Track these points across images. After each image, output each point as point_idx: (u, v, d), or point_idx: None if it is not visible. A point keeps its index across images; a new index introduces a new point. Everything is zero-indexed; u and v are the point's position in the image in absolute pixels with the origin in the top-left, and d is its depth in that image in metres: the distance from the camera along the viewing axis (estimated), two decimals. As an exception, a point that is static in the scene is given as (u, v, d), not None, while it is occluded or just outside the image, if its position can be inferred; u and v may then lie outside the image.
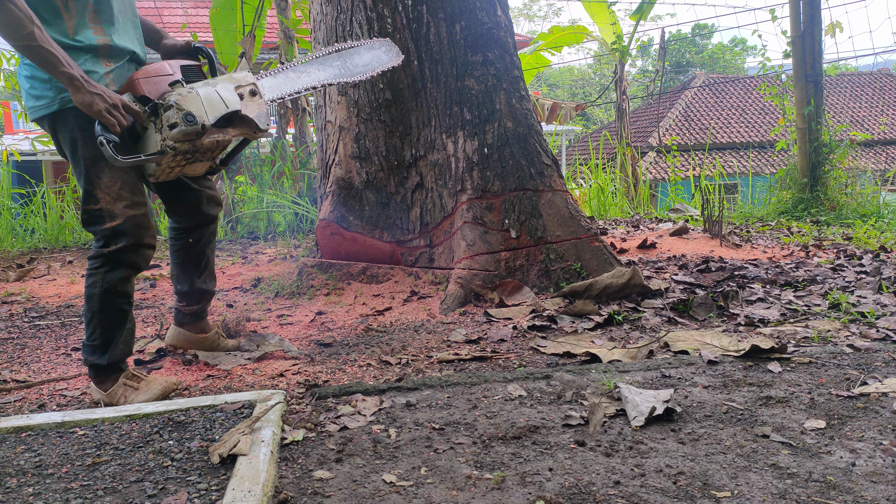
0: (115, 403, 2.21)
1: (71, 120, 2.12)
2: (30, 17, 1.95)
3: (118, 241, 2.19)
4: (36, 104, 2.13)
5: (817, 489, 1.53)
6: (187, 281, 2.59)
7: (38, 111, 2.15)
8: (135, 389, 2.23)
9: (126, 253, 2.21)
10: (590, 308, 3.07)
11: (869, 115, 22.87)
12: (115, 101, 2.06)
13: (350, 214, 3.74)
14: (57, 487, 1.61)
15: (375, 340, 2.86)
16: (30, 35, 1.95)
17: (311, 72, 2.66)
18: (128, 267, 2.23)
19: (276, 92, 2.47)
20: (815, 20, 6.46)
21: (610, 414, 1.95)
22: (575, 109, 11.50)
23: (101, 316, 2.22)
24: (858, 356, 2.42)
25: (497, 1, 3.72)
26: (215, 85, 2.24)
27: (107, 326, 2.23)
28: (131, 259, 2.23)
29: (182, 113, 2.10)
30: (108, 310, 2.22)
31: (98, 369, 2.24)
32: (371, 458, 1.74)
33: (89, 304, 2.22)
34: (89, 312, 2.23)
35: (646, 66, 38.40)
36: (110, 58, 2.20)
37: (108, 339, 2.23)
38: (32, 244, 5.93)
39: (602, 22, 10.55)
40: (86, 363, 2.26)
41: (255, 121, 2.29)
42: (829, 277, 3.63)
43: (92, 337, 2.23)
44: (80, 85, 2.01)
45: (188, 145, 2.15)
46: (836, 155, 6.51)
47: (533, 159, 3.56)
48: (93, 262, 2.22)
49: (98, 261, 2.21)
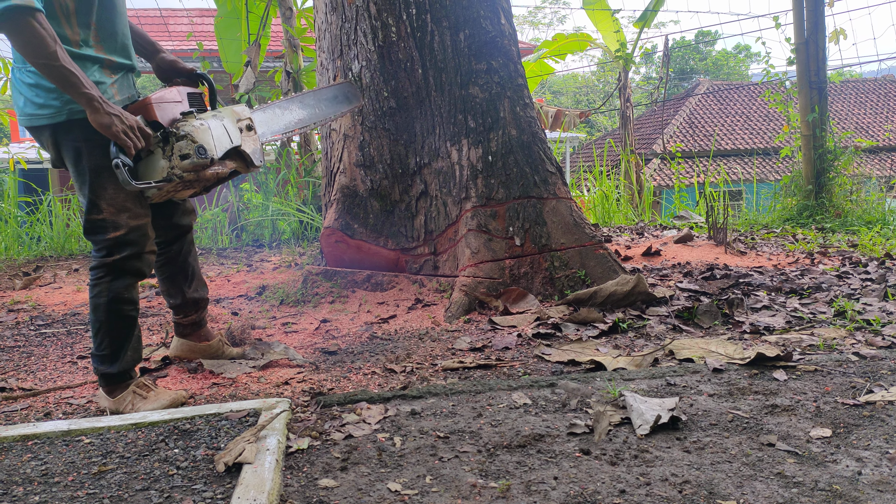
0: (122, 411, 2.22)
1: (76, 130, 2.13)
2: (52, 36, 1.98)
3: (122, 251, 2.20)
4: (38, 112, 2.12)
5: (823, 498, 1.52)
6: (179, 294, 2.60)
7: (40, 119, 2.13)
8: (143, 398, 2.25)
9: (130, 261, 2.22)
10: (594, 316, 3.06)
11: (874, 121, 22.83)
12: (131, 124, 2.09)
13: (355, 222, 3.75)
14: (63, 496, 1.61)
15: (380, 348, 2.86)
16: (53, 54, 1.97)
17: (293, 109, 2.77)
18: (132, 274, 2.24)
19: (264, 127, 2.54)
20: (818, 27, 6.47)
21: (615, 422, 1.95)
22: (579, 117, 11.51)
23: (108, 325, 2.23)
24: (864, 364, 2.41)
25: (501, 9, 3.73)
26: (223, 118, 2.29)
27: (115, 335, 2.24)
28: (135, 266, 2.24)
29: (195, 145, 2.16)
30: (116, 318, 2.23)
31: (109, 378, 2.25)
32: (376, 466, 1.74)
33: (96, 315, 2.23)
34: (97, 322, 2.23)
35: (650, 73, 38.44)
36: (112, 70, 2.23)
37: (118, 348, 2.25)
38: (38, 252, 5.95)
39: (606, 29, 10.58)
40: (96, 373, 2.27)
41: (250, 156, 2.36)
42: (834, 285, 3.62)
43: (101, 347, 2.24)
44: (99, 106, 2.03)
45: (193, 175, 2.19)
46: (840, 162, 6.50)
47: (537, 167, 3.57)
48: (96, 272, 2.23)
49: (101, 270, 2.22)
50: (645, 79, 36.72)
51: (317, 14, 3.99)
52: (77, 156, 2.16)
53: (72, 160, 2.18)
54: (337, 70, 3.82)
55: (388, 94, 3.66)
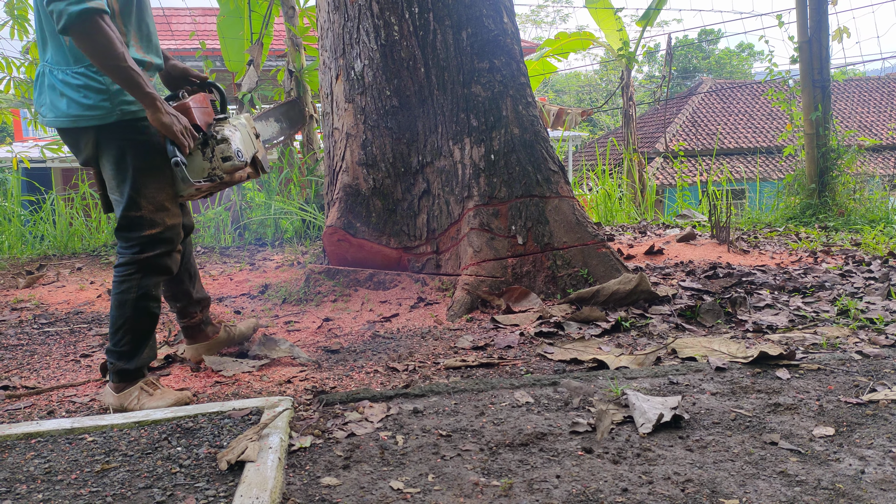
0: (126, 407, 2.24)
1: (123, 131, 2.18)
2: (119, 38, 2.04)
3: (155, 248, 2.25)
4: (86, 113, 2.14)
5: (826, 497, 1.52)
6: (184, 295, 2.62)
7: (88, 120, 2.16)
8: (150, 395, 2.26)
9: (162, 258, 2.27)
10: (597, 314, 3.06)
11: (877, 120, 22.78)
12: (185, 125, 2.19)
13: (357, 221, 3.75)
14: (66, 494, 1.62)
15: (382, 347, 2.86)
16: (122, 56, 2.04)
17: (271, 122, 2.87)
18: (161, 272, 2.29)
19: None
20: (822, 25, 6.46)
21: (617, 421, 1.95)
22: (581, 115, 11.50)
23: (133, 322, 2.25)
24: (867, 363, 2.41)
25: (503, 8, 3.73)
26: (244, 126, 2.41)
27: (137, 332, 2.26)
28: (165, 264, 2.29)
29: (234, 148, 2.30)
30: (141, 315, 2.26)
31: (124, 375, 2.26)
32: (378, 464, 1.74)
33: (121, 311, 2.24)
34: (121, 318, 2.24)
35: (652, 71, 38.39)
36: (150, 71, 2.30)
37: (138, 345, 2.27)
38: (42, 251, 5.97)
39: (608, 28, 10.56)
40: (112, 369, 2.27)
41: (262, 163, 2.49)
42: (837, 283, 3.61)
43: (121, 343, 2.25)
44: (160, 106, 2.12)
45: (229, 177, 2.33)
46: (844, 160, 6.49)
47: (539, 165, 3.57)
48: (125, 269, 2.25)
49: (132, 267, 2.24)
50: (648, 77, 36.68)
51: (319, 13, 3.99)
52: (121, 155, 2.20)
53: (114, 159, 2.21)
54: (339, 69, 3.82)
55: (391, 92, 3.66)
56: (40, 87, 2.21)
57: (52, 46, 2.16)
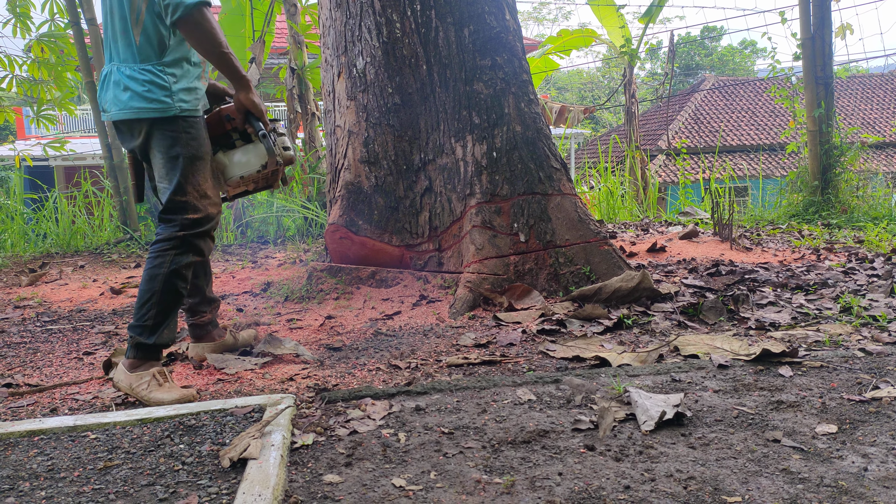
0: (135, 389, 2.27)
1: (179, 123, 2.35)
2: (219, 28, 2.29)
3: (196, 228, 2.39)
4: (147, 106, 2.30)
5: (829, 494, 1.52)
6: (198, 292, 2.68)
7: (148, 112, 2.31)
8: (159, 386, 2.29)
9: (199, 238, 2.41)
10: (599, 312, 3.06)
11: (880, 117, 22.72)
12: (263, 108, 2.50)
13: (359, 218, 3.75)
14: (69, 491, 1.62)
15: (385, 344, 2.86)
16: (224, 43, 2.32)
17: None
18: (196, 252, 2.41)
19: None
20: (825, 22, 6.44)
21: (620, 418, 1.95)
22: (583, 113, 11.49)
23: (161, 296, 2.33)
24: (870, 360, 2.40)
25: (506, 5, 3.72)
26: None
27: (163, 307, 2.34)
28: (201, 245, 2.42)
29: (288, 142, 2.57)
30: (170, 291, 2.34)
31: (141, 349, 2.32)
32: (381, 462, 1.74)
33: (150, 284, 2.32)
34: (149, 292, 2.32)
35: (655, 68, 38.32)
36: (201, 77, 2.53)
37: (160, 321, 2.34)
38: (44, 249, 5.98)
39: (611, 25, 10.55)
40: (131, 342, 2.33)
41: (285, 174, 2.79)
42: (840, 281, 3.61)
43: (145, 317, 2.32)
44: (252, 88, 2.42)
45: (283, 166, 2.58)
46: (847, 157, 6.47)
47: (542, 163, 3.56)
48: (163, 245, 2.35)
49: (170, 243, 2.35)
50: (650, 75, 36.62)
51: (321, 10, 3.98)
52: (172, 145, 2.35)
53: (165, 148, 2.35)
54: (341, 66, 3.82)
55: (393, 90, 3.66)
56: (106, 84, 2.38)
57: (122, 46, 2.34)
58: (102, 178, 6.93)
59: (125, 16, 2.33)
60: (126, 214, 6.15)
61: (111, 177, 6.13)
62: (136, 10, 2.31)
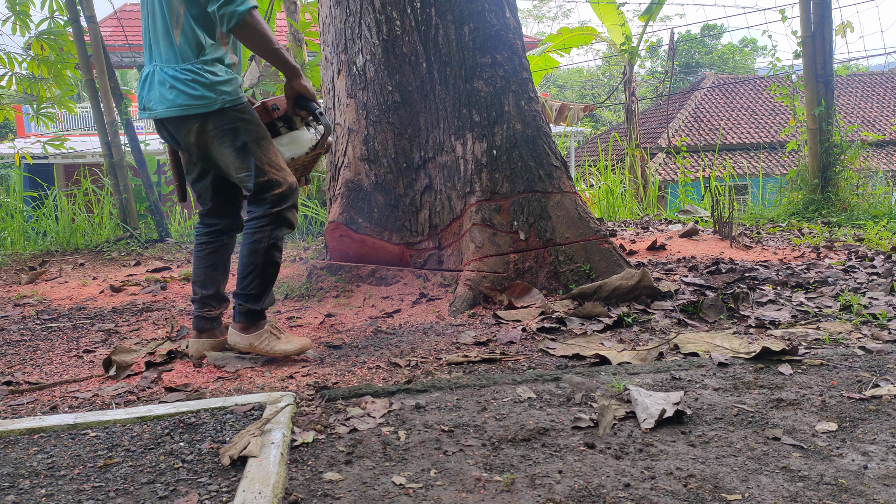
0: (256, 346, 2.57)
1: (229, 115, 2.49)
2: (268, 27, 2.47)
3: (284, 203, 2.55)
4: (194, 102, 2.45)
5: (829, 492, 1.52)
6: (213, 285, 2.75)
7: (196, 108, 2.46)
8: (277, 339, 2.59)
9: (289, 212, 2.58)
10: (599, 310, 3.06)
11: (880, 115, 22.71)
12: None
13: (359, 216, 3.75)
14: (69, 489, 1.62)
15: (384, 342, 2.86)
16: (274, 40, 2.49)
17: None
18: (287, 225, 2.60)
19: None
20: (825, 20, 6.43)
21: (619, 416, 1.95)
22: (583, 111, 11.48)
23: (262, 268, 2.57)
24: (870, 358, 2.40)
25: (506, 2, 3.72)
26: None
27: (265, 277, 2.58)
28: (290, 218, 2.60)
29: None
30: (270, 263, 2.58)
31: (251, 315, 2.58)
32: (381, 459, 1.74)
33: (252, 258, 2.55)
34: (251, 265, 2.56)
35: (655, 66, 38.30)
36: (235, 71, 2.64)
37: (264, 289, 2.59)
38: (44, 247, 5.98)
39: (611, 23, 10.54)
40: (241, 310, 2.57)
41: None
42: (840, 279, 3.61)
43: (249, 287, 2.57)
44: (303, 75, 2.59)
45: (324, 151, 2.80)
46: (847, 155, 6.47)
47: (542, 161, 3.56)
48: (258, 222, 2.54)
49: (265, 220, 2.54)
50: (650, 73, 36.59)
51: (321, 8, 3.98)
52: (234, 135, 2.51)
53: (229, 140, 2.50)
54: (341, 64, 3.81)
55: (393, 88, 3.65)
56: (149, 84, 2.51)
57: (164, 47, 2.48)
58: (102, 175, 6.93)
59: (166, 18, 2.47)
60: (126, 212, 6.15)
61: (111, 174, 6.13)
62: (175, 13, 2.46)
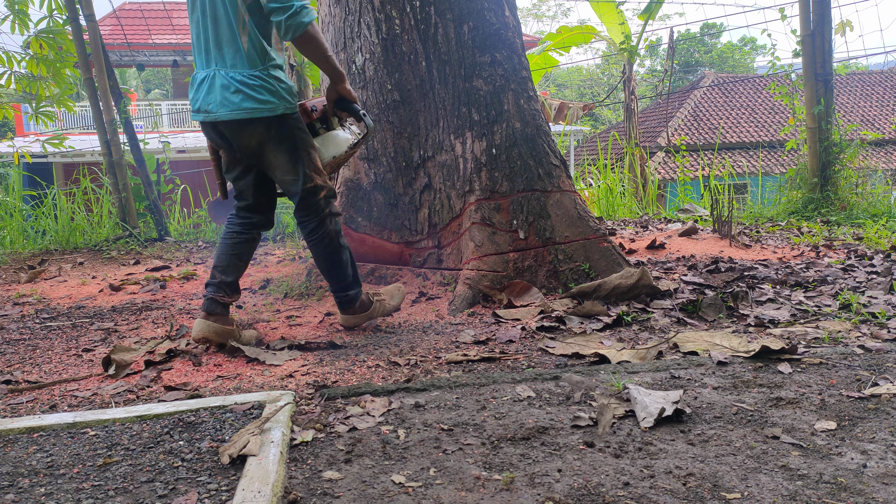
0: (374, 315, 3.00)
1: (288, 121, 2.68)
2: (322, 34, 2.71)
3: (329, 203, 2.81)
4: (259, 107, 2.59)
5: (828, 491, 1.52)
6: (234, 273, 2.85)
7: (261, 112, 2.60)
8: (382, 300, 3.02)
9: (333, 207, 2.84)
10: (598, 309, 3.06)
11: (880, 114, 22.72)
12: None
13: (358, 215, 3.75)
14: (69, 488, 1.62)
15: (384, 341, 2.86)
16: (329, 48, 2.71)
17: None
18: (337, 215, 2.86)
19: None
20: (824, 19, 6.43)
21: (619, 415, 1.95)
22: (583, 109, 11.48)
23: (343, 257, 2.86)
24: (869, 357, 2.41)
25: (505, 1, 3.72)
26: None
27: (348, 264, 2.89)
28: (337, 210, 2.86)
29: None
30: (343, 251, 2.87)
31: (355, 298, 2.92)
32: (380, 458, 1.75)
33: (334, 256, 2.83)
34: (336, 262, 2.85)
35: (654, 65, 38.29)
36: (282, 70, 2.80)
37: (353, 272, 2.91)
38: (43, 246, 5.97)
39: (610, 22, 10.53)
40: (345, 300, 2.91)
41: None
42: (839, 278, 3.61)
43: (345, 277, 2.88)
44: (346, 79, 2.80)
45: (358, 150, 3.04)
46: (846, 154, 6.47)
47: (541, 160, 3.56)
48: (318, 225, 2.79)
49: (322, 225, 2.80)
50: (649, 71, 36.58)
51: (320, 6, 3.97)
52: (293, 140, 2.70)
53: (287, 144, 2.69)
54: (341, 63, 3.81)
55: (392, 86, 3.65)
56: (209, 87, 2.62)
57: (229, 53, 2.59)
58: (101, 174, 6.92)
59: (232, 24, 2.58)
60: (125, 211, 6.14)
61: (110, 173, 6.12)
62: (241, 19, 2.58)
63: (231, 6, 2.56)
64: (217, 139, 2.74)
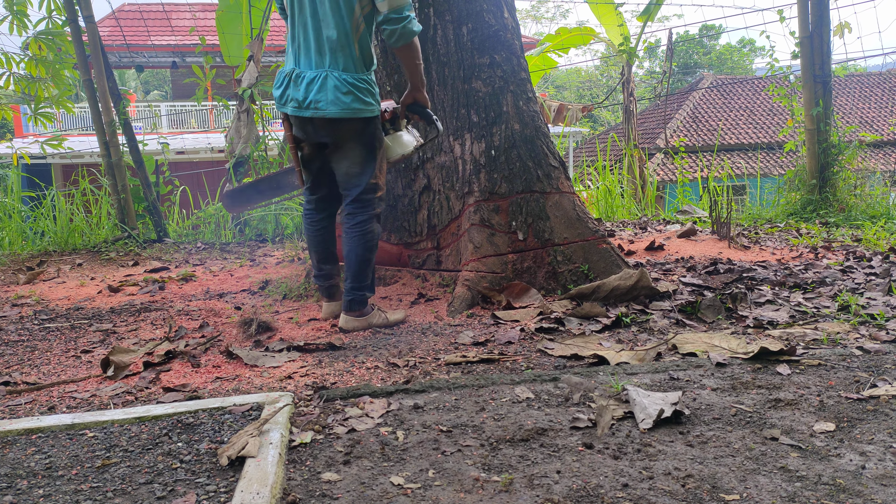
0: (374, 323, 3.02)
1: (376, 123, 2.94)
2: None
3: (381, 204, 3.04)
4: (362, 107, 2.84)
5: (827, 492, 1.52)
6: (333, 259, 3.20)
7: (363, 112, 2.85)
8: (383, 312, 3.08)
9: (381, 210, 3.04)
10: (597, 310, 3.06)
11: (878, 115, 22.74)
12: None
13: (357, 217, 3.74)
14: (67, 489, 1.62)
15: (383, 343, 2.86)
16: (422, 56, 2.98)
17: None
18: (380, 219, 3.06)
19: None
20: (823, 21, 6.44)
21: (618, 416, 1.95)
22: (582, 111, 11.49)
23: (373, 258, 3.03)
24: (868, 358, 2.41)
25: (504, 3, 3.72)
26: None
27: (373, 267, 3.07)
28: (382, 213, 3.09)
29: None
30: (374, 253, 3.04)
31: (364, 302, 3.02)
32: (379, 460, 1.74)
33: (368, 254, 2.99)
34: (366, 262, 2.99)
35: (653, 67, 38.30)
36: None
37: (372, 277, 3.07)
38: (42, 247, 5.96)
39: (609, 23, 10.54)
40: (358, 300, 3.00)
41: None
42: (838, 279, 3.61)
43: (366, 276, 3.01)
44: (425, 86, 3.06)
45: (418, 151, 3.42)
46: (845, 156, 6.48)
47: (540, 161, 3.56)
48: (366, 220, 2.96)
49: (372, 220, 2.98)
50: (648, 73, 36.59)
51: (319, 8, 3.97)
52: (374, 140, 2.94)
53: (368, 142, 2.93)
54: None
55: (391, 88, 3.65)
56: (320, 86, 2.81)
57: (342, 56, 2.81)
58: (100, 176, 6.92)
59: (347, 30, 2.79)
60: (124, 212, 6.14)
61: (109, 175, 6.12)
62: (356, 26, 2.80)
63: (348, 14, 2.77)
64: (311, 133, 2.93)
